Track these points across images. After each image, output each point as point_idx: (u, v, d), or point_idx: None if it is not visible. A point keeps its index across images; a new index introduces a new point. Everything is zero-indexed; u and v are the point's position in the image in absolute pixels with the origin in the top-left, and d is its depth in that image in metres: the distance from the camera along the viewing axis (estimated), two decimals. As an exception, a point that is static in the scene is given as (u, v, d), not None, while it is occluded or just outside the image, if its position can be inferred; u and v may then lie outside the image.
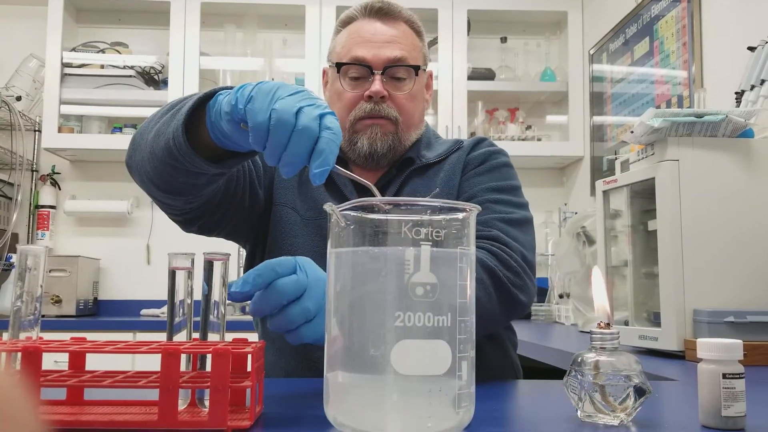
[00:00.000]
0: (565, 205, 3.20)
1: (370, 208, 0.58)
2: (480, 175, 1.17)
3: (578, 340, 1.79)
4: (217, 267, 0.70)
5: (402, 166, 1.19)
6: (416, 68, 1.16)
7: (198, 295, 0.69)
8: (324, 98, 1.23)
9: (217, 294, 0.69)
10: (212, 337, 0.69)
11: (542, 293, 2.85)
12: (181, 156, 0.84)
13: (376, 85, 1.13)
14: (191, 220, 1.05)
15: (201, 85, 3.03)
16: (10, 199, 3.10)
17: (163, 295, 0.68)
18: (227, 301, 0.80)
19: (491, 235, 1.04)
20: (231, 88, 0.77)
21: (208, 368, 0.65)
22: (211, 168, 0.87)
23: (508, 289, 0.99)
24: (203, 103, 0.82)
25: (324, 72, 1.25)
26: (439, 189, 1.14)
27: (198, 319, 0.70)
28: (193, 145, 0.83)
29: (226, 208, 1.08)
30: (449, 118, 3.07)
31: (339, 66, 1.15)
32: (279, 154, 0.70)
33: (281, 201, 1.17)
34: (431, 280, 0.56)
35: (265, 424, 0.63)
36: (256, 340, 0.73)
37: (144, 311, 3.01)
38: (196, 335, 0.70)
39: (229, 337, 0.71)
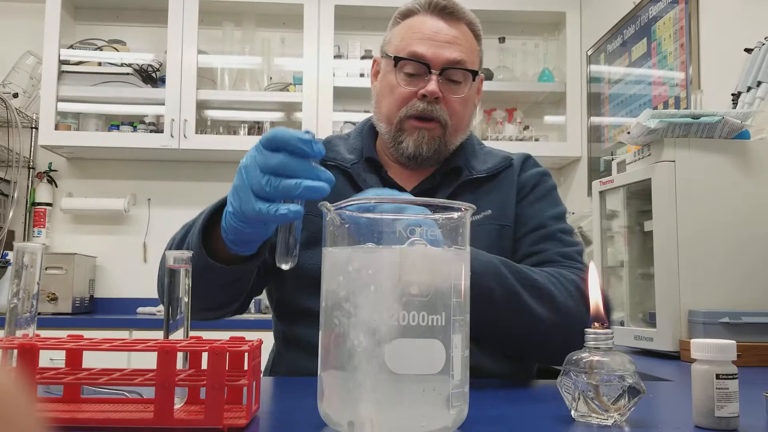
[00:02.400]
0: (562, 205, 3.20)
1: (366, 208, 0.59)
2: (539, 200, 1.17)
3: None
4: None
5: (449, 174, 1.16)
6: (474, 73, 1.13)
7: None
8: (372, 89, 1.21)
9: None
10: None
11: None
12: (208, 272, 0.86)
13: (432, 85, 1.09)
14: (244, 305, 1.07)
15: (198, 83, 3.03)
16: (7, 196, 3.09)
17: (160, 294, 0.68)
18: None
19: (580, 268, 1.06)
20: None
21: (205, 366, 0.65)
22: (244, 267, 0.89)
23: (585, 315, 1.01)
24: (216, 213, 0.86)
25: (375, 61, 1.21)
26: (491, 211, 1.12)
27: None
28: (218, 259, 0.86)
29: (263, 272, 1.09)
30: (447, 117, 3.07)
31: (397, 60, 1.11)
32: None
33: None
34: (426, 279, 0.56)
35: (261, 423, 0.64)
36: (255, 339, 0.73)
37: (140, 309, 3.01)
38: (193, 333, 0.71)
39: (226, 335, 0.71)
